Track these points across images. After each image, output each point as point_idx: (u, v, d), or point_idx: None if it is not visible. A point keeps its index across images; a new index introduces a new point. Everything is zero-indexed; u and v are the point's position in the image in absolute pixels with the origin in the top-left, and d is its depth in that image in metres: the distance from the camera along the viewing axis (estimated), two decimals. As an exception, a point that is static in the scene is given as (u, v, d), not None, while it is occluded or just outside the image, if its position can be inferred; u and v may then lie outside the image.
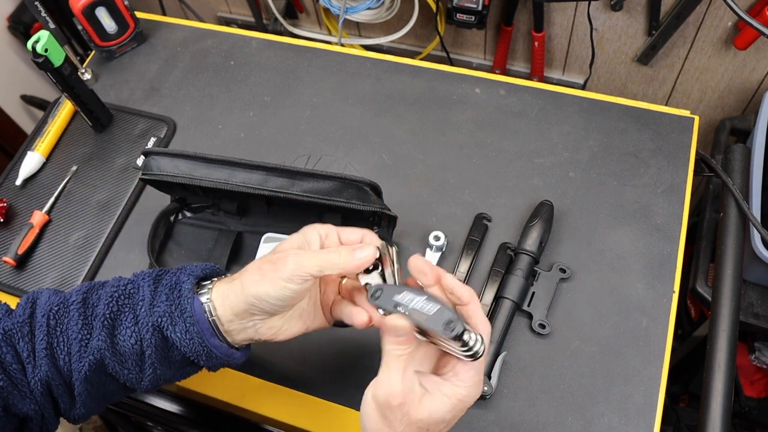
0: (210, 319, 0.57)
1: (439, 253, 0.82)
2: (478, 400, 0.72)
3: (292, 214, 0.82)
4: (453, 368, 0.53)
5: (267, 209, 0.84)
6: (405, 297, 0.52)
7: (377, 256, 0.56)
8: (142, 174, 0.77)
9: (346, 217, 0.81)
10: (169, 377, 0.60)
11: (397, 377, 0.51)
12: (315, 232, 0.59)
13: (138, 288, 0.58)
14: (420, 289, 0.54)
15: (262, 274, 0.56)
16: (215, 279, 0.60)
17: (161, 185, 0.81)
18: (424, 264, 0.55)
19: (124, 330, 0.56)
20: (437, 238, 0.81)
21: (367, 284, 0.58)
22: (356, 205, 0.73)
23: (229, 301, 0.57)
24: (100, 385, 0.59)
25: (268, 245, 0.82)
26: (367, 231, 0.59)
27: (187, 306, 0.56)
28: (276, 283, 0.55)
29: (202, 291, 0.58)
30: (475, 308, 0.53)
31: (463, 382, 0.52)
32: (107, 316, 0.57)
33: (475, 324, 0.53)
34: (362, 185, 0.73)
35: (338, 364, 0.78)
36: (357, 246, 0.56)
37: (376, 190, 0.75)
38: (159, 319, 0.56)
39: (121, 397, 0.63)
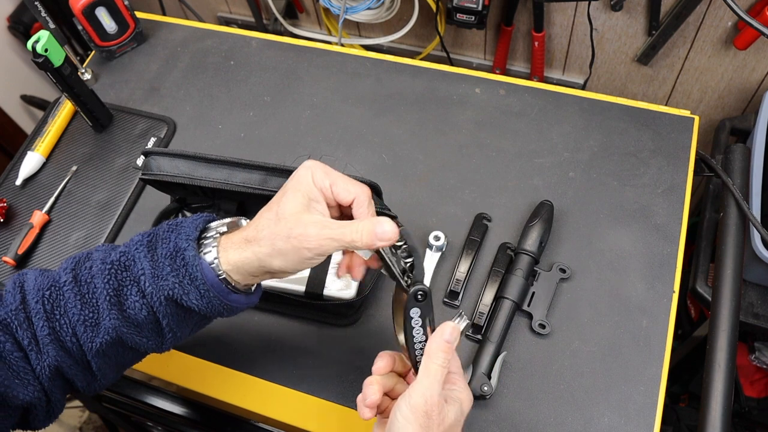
0: (222, 278, 0.55)
1: (439, 253, 0.82)
2: (478, 400, 0.72)
3: None
4: (450, 378, 0.58)
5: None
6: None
7: (397, 230, 0.54)
8: (142, 174, 0.77)
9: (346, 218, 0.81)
10: (187, 334, 0.60)
11: (437, 387, 0.54)
12: (314, 187, 0.56)
13: (133, 260, 0.56)
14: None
15: (281, 253, 0.54)
16: (214, 232, 0.58)
17: (161, 185, 0.81)
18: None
19: (132, 303, 0.55)
20: (437, 238, 0.81)
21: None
22: None
23: (242, 266, 0.55)
24: (119, 356, 0.58)
25: None
26: (359, 189, 0.57)
27: (197, 273, 0.54)
28: (297, 263, 0.55)
29: (206, 250, 0.56)
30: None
31: (462, 388, 0.58)
32: (110, 293, 0.55)
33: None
34: None
35: (338, 365, 0.78)
36: (376, 221, 0.54)
37: (376, 190, 0.75)
38: (170, 292, 0.55)
39: (138, 361, 0.62)
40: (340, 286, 0.78)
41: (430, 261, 0.82)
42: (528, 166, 0.90)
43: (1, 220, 0.92)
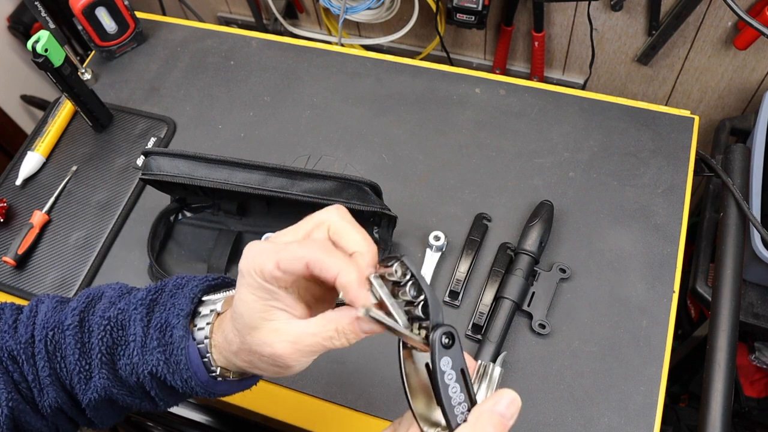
0: (211, 367, 0.49)
1: (439, 253, 0.82)
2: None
3: (292, 214, 0.82)
4: None
5: (267, 209, 0.84)
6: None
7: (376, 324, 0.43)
8: (142, 174, 0.77)
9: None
10: (183, 400, 0.55)
11: None
12: (263, 282, 0.45)
13: (129, 321, 0.51)
14: None
15: (262, 370, 0.47)
16: (210, 309, 0.51)
17: (161, 185, 0.81)
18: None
19: (124, 366, 0.50)
20: (437, 238, 0.81)
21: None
22: (356, 205, 0.73)
23: (232, 364, 0.49)
24: (113, 411, 0.55)
25: None
26: (341, 263, 0.43)
27: (182, 357, 0.48)
28: (287, 374, 0.47)
29: (200, 326, 0.49)
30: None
31: None
32: (103, 351, 0.51)
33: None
34: (362, 185, 0.73)
35: (339, 365, 0.78)
36: (356, 320, 0.43)
37: (376, 190, 0.75)
38: (155, 368, 0.49)
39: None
40: None
41: (430, 261, 0.82)
42: (528, 166, 0.90)
43: (1, 220, 0.92)
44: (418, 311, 0.42)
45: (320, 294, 0.49)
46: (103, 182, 0.96)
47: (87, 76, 1.06)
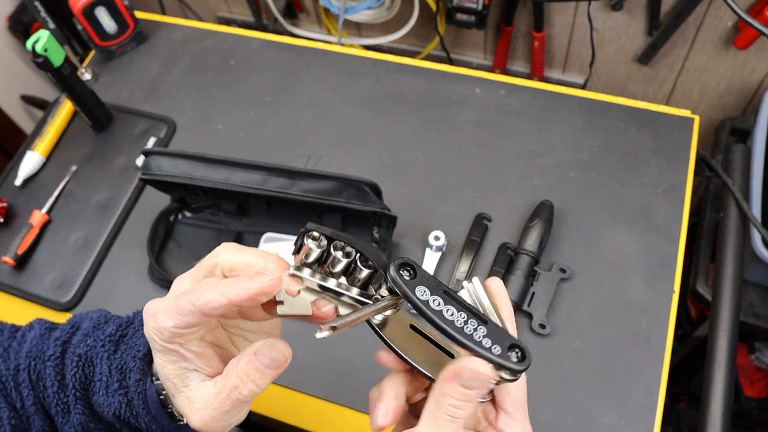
0: (171, 407, 0.45)
1: (440, 253, 0.82)
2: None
3: (292, 214, 0.82)
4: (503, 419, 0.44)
5: (267, 209, 0.84)
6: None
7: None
8: (142, 174, 0.77)
9: (346, 218, 0.81)
10: None
11: None
12: (166, 344, 0.41)
13: (97, 358, 0.48)
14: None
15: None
16: None
17: (161, 185, 0.81)
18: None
19: (97, 399, 0.48)
20: (437, 238, 0.81)
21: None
22: (356, 205, 0.73)
23: None
24: None
25: (268, 245, 0.82)
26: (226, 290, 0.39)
27: (139, 401, 0.45)
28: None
29: (153, 371, 0.46)
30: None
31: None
32: (77, 387, 0.48)
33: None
34: (362, 185, 0.73)
35: (339, 365, 0.77)
36: (255, 363, 0.40)
37: (376, 191, 0.75)
38: (118, 411, 0.47)
39: None
40: None
41: (430, 261, 0.82)
42: (528, 166, 0.90)
43: (1, 220, 0.92)
44: (361, 274, 0.38)
45: (254, 328, 0.45)
46: (103, 182, 0.95)
47: (87, 76, 1.06)
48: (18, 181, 0.96)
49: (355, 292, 0.38)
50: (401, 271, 0.37)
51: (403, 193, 0.88)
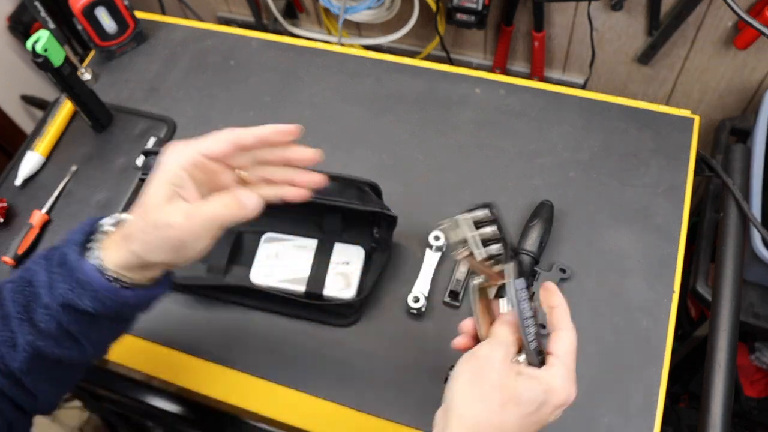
0: (111, 277, 0.54)
1: (439, 253, 0.82)
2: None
3: (292, 214, 0.82)
4: (547, 360, 0.53)
5: (267, 209, 0.84)
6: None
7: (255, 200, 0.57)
8: (142, 174, 0.77)
9: (346, 218, 0.81)
10: (108, 340, 0.61)
11: (500, 348, 0.52)
12: (179, 170, 0.54)
13: (34, 272, 0.56)
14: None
15: (155, 246, 0.54)
16: (99, 233, 0.57)
17: None
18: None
19: (41, 316, 0.54)
20: (437, 238, 0.81)
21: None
22: (356, 206, 0.73)
23: (125, 264, 0.55)
24: (48, 371, 0.57)
25: (268, 245, 0.82)
26: (226, 136, 0.60)
27: (82, 277, 0.54)
28: (177, 255, 0.54)
29: (90, 253, 0.55)
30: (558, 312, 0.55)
31: (557, 375, 0.52)
32: (19, 311, 0.55)
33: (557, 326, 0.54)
34: (362, 185, 0.73)
35: (338, 365, 0.78)
36: (237, 193, 0.57)
37: (376, 191, 0.75)
38: (63, 299, 0.54)
39: (78, 376, 0.62)
40: (340, 286, 0.78)
41: (430, 261, 0.82)
42: (528, 166, 0.90)
43: (1, 220, 0.92)
44: (494, 250, 0.53)
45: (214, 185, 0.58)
46: (103, 182, 0.95)
47: (87, 76, 1.06)
48: (18, 181, 0.96)
49: (482, 251, 0.54)
50: (517, 265, 0.52)
51: (403, 193, 0.88)
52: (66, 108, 1.03)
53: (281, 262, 0.80)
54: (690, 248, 1.05)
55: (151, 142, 0.98)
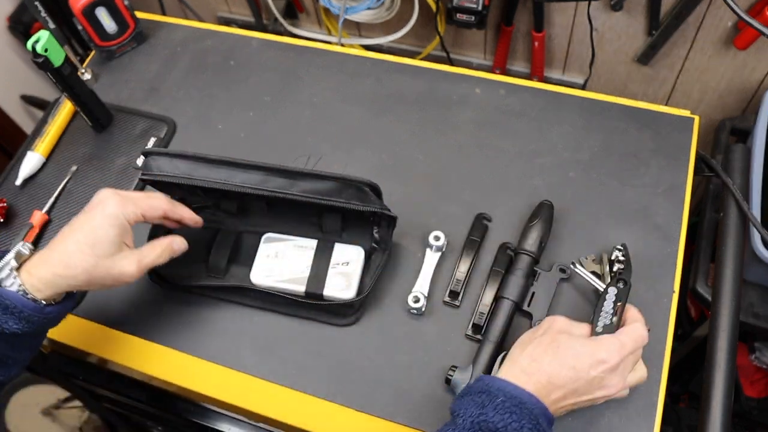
0: (31, 298, 0.63)
1: (439, 253, 0.82)
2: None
3: (292, 215, 0.82)
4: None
5: (267, 209, 0.84)
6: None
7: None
8: (142, 174, 0.77)
9: (346, 218, 0.81)
10: (28, 355, 0.68)
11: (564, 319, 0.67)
12: (126, 223, 0.69)
13: None
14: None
15: (101, 285, 0.68)
16: (7, 265, 0.64)
17: (161, 186, 0.81)
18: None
19: None
20: (437, 238, 0.81)
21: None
22: (356, 206, 0.73)
23: (52, 290, 0.64)
24: None
25: (268, 245, 0.82)
26: (159, 203, 0.74)
27: (7, 302, 0.61)
28: (117, 286, 0.69)
29: (7, 282, 0.63)
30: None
31: (599, 339, 0.64)
32: None
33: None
34: (362, 185, 0.73)
35: (338, 365, 0.78)
36: (170, 239, 0.75)
37: (376, 191, 0.75)
38: None
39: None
40: (340, 287, 0.78)
41: (430, 261, 0.82)
42: (528, 166, 0.90)
43: (1, 220, 0.92)
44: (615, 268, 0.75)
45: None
46: (103, 182, 0.95)
47: (87, 76, 1.06)
48: (18, 181, 0.96)
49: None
50: (620, 282, 0.72)
51: (403, 193, 0.88)
52: (66, 108, 1.03)
53: (281, 262, 0.80)
54: (690, 248, 1.05)
55: (151, 142, 0.98)
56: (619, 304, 0.68)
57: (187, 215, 0.77)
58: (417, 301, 0.78)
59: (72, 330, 0.83)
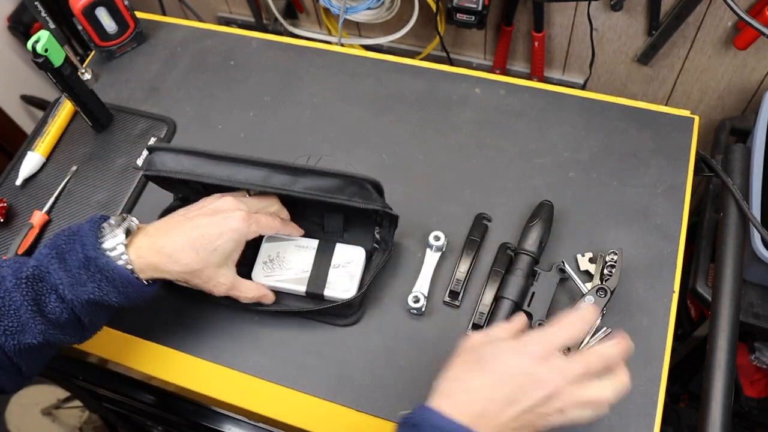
0: (135, 275, 0.66)
1: (439, 253, 0.82)
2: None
3: (295, 214, 0.83)
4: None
5: None
6: None
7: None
8: (145, 170, 0.77)
9: (348, 218, 0.81)
10: (105, 322, 0.71)
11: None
12: (243, 243, 0.72)
13: (48, 271, 0.64)
14: None
15: (187, 281, 0.70)
16: (116, 233, 0.66)
17: (164, 182, 0.81)
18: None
19: (53, 309, 0.63)
20: (437, 238, 0.81)
21: None
22: (358, 203, 0.73)
23: (149, 272, 0.67)
24: (45, 354, 0.67)
25: (269, 244, 0.82)
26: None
27: (111, 276, 0.64)
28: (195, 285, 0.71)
29: (115, 253, 0.65)
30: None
31: (527, 338, 0.58)
32: (30, 303, 0.62)
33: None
34: (364, 183, 0.73)
35: (338, 365, 0.78)
36: (259, 288, 0.77)
37: (378, 189, 0.75)
38: (90, 296, 0.63)
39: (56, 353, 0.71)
40: (341, 287, 0.78)
41: (430, 261, 0.82)
42: (528, 166, 0.90)
43: (1, 220, 0.92)
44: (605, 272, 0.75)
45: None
46: (103, 182, 0.96)
47: (87, 76, 1.06)
48: (18, 181, 0.96)
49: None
50: (599, 292, 0.73)
51: (403, 193, 0.88)
52: (66, 108, 1.03)
53: (282, 263, 0.80)
54: (690, 248, 1.05)
55: (151, 142, 0.98)
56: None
57: (296, 232, 0.80)
58: (417, 301, 0.78)
59: (72, 330, 0.83)
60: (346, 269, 0.79)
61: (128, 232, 0.67)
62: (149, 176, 0.78)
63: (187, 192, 0.84)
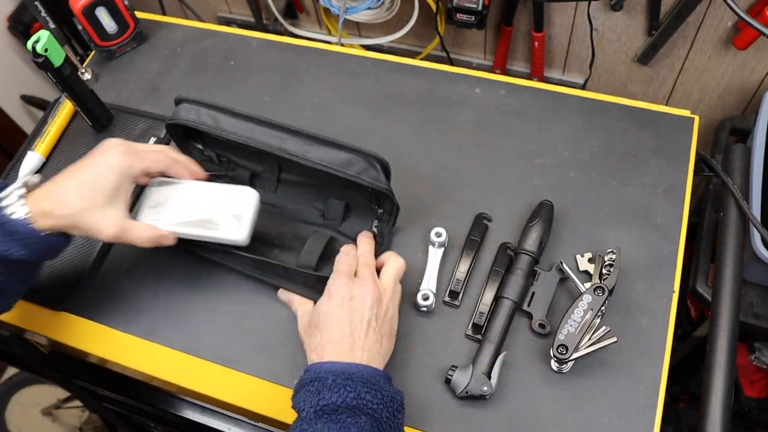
0: (37, 228, 0.66)
1: (442, 249, 0.82)
2: (477, 400, 0.72)
3: (298, 196, 0.84)
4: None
5: (276, 184, 0.85)
6: None
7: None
8: (168, 120, 0.79)
9: (349, 208, 0.82)
10: (23, 289, 0.73)
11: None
12: (128, 177, 0.71)
13: None
14: None
15: (81, 231, 0.69)
16: (15, 190, 0.66)
17: (182, 138, 0.84)
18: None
19: None
20: (439, 235, 0.81)
21: None
22: (365, 181, 0.72)
23: (49, 224, 0.67)
24: None
25: (155, 188, 0.78)
26: (162, 158, 0.75)
27: (12, 228, 0.64)
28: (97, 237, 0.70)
29: (13, 210, 0.65)
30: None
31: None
32: None
33: None
34: (372, 160, 0.73)
35: (338, 364, 0.77)
36: (151, 229, 0.73)
37: (386, 171, 0.75)
38: None
39: None
40: (232, 227, 0.76)
41: (434, 258, 0.82)
42: (528, 166, 0.90)
43: (1, 220, 0.92)
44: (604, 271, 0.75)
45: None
46: (103, 182, 0.95)
47: (87, 76, 1.06)
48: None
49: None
50: (596, 290, 0.74)
51: (403, 193, 0.88)
52: (66, 108, 1.03)
53: (169, 206, 0.77)
54: (690, 248, 1.05)
55: (151, 142, 0.98)
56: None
57: (190, 171, 0.77)
58: (426, 298, 0.78)
59: (72, 330, 0.83)
60: (234, 211, 0.76)
61: (28, 185, 0.68)
62: (171, 125, 0.79)
63: (201, 158, 0.85)
